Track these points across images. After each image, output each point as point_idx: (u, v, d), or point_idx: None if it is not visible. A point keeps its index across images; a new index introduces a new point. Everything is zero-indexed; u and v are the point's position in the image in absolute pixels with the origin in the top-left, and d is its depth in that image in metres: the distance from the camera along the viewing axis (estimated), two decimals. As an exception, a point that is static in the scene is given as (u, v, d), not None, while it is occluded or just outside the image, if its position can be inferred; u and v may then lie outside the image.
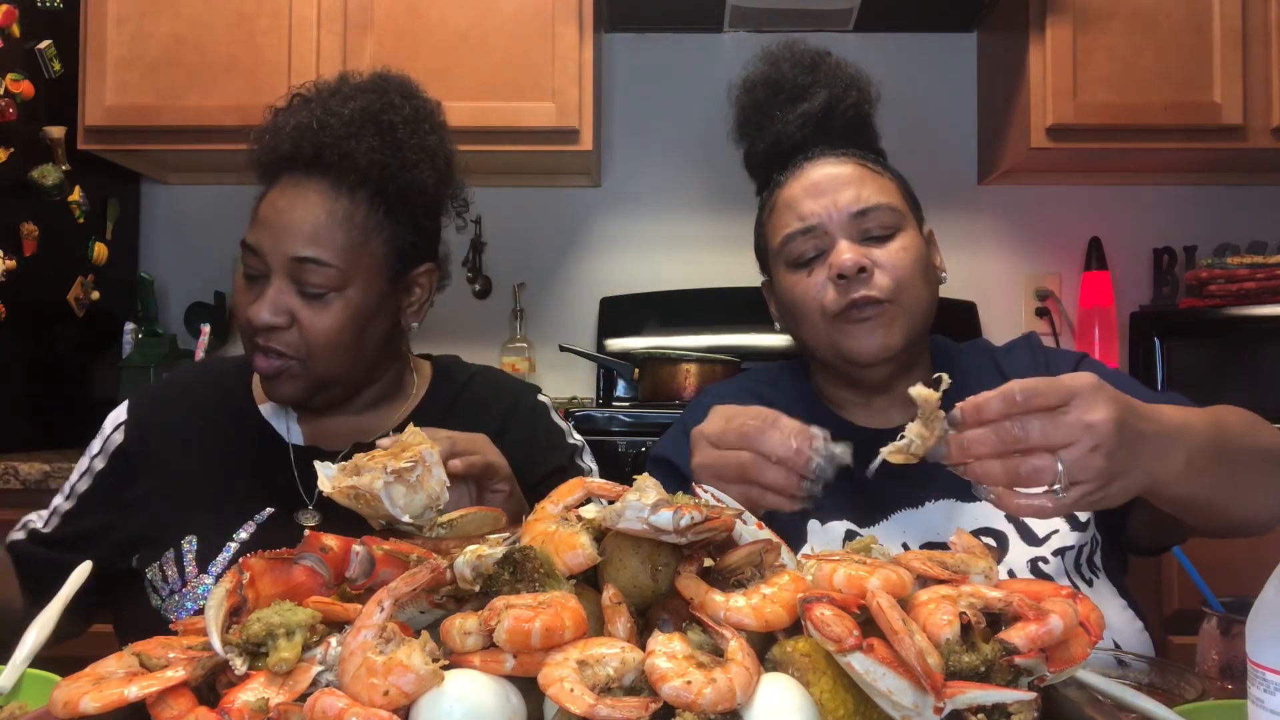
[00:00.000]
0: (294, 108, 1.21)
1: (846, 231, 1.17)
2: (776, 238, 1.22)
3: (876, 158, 1.25)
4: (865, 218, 1.17)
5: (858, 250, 1.15)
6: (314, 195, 1.15)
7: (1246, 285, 2.41)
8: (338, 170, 1.15)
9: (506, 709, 0.57)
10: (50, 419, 2.43)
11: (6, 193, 2.25)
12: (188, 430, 1.24)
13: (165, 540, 1.17)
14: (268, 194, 1.17)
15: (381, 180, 1.17)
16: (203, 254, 2.81)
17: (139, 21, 2.42)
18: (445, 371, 1.35)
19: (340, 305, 1.14)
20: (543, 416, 1.34)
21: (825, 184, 1.19)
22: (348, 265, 1.14)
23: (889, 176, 1.23)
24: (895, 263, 1.16)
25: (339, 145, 1.14)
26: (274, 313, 1.12)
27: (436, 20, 2.42)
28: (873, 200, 1.17)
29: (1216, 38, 2.39)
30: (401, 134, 1.18)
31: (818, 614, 0.60)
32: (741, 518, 0.74)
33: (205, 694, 0.61)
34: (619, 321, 2.74)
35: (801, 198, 1.19)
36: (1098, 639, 0.67)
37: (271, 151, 1.18)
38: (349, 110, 1.17)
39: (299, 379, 1.16)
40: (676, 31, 2.83)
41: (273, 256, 1.13)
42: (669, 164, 2.85)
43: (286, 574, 0.66)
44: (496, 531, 0.79)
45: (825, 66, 1.26)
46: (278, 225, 1.14)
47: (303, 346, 1.14)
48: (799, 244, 1.19)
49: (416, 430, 0.94)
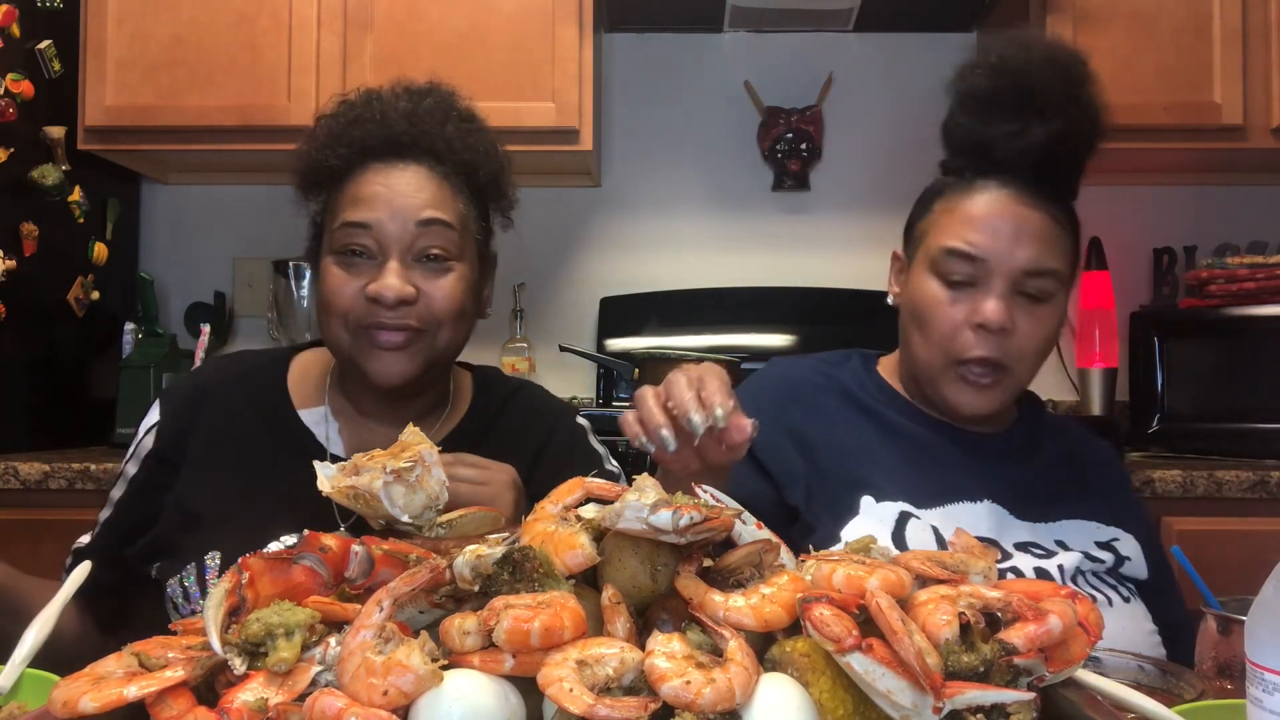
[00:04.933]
0: (354, 107, 1.20)
1: (1007, 282, 1.16)
2: (937, 242, 1.20)
3: (1067, 204, 1.20)
4: (1030, 279, 1.16)
5: (1006, 311, 1.15)
6: (420, 173, 1.16)
7: (1246, 285, 2.40)
8: (433, 156, 1.17)
9: (505, 709, 0.57)
10: (50, 419, 2.43)
11: (6, 193, 2.25)
12: (220, 428, 1.20)
13: (188, 552, 1.13)
14: (359, 179, 1.16)
15: (472, 167, 1.20)
16: (203, 254, 2.81)
17: (139, 21, 2.42)
18: (487, 385, 1.32)
19: (457, 275, 1.16)
20: (581, 442, 1.31)
21: (1011, 224, 1.16)
22: (461, 235, 1.17)
23: (1069, 231, 1.20)
24: (1033, 333, 1.17)
25: (435, 131, 1.17)
26: (405, 282, 1.12)
27: (436, 20, 2.42)
28: (1046, 265, 1.16)
29: (1216, 38, 2.39)
30: (473, 128, 1.22)
31: (817, 614, 0.60)
32: (741, 518, 0.75)
33: (204, 694, 0.61)
34: (619, 321, 2.74)
35: (982, 224, 1.16)
36: (1097, 639, 0.67)
37: (362, 139, 1.17)
38: (428, 103, 1.20)
39: (425, 352, 1.15)
40: (676, 31, 2.83)
41: (391, 226, 1.13)
42: (669, 164, 2.85)
43: (285, 574, 0.66)
44: (496, 531, 0.79)
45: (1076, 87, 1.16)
46: (393, 197, 1.13)
47: (430, 317, 1.14)
48: (956, 264, 1.18)
49: (416, 430, 0.93)
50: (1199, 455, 2.32)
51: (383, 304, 1.11)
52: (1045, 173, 1.17)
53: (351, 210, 1.14)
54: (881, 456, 1.22)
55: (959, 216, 1.19)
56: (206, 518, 1.15)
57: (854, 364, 1.34)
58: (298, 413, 1.22)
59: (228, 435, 1.20)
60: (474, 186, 1.21)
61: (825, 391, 1.30)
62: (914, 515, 1.16)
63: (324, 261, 1.16)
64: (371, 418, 1.22)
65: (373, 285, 1.12)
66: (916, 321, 1.22)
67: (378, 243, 1.13)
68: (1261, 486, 2.02)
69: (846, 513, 1.17)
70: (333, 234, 1.15)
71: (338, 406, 1.24)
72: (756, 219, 2.83)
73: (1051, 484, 1.25)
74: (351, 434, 1.22)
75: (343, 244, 1.14)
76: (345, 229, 1.14)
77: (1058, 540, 1.19)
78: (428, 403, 1.24)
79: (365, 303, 1.12)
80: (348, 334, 1.14)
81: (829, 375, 1.31)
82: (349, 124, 1.18)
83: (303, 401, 1.24)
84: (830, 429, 1.25)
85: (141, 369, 2.52)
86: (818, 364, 1.35)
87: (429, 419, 1.24)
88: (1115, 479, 1.33)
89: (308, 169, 1.20)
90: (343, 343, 1.15)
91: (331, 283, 1.14)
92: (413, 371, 1.15)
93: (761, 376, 1.35)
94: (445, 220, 1.15)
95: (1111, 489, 1.30)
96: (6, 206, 2.26)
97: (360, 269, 1.13)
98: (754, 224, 2.83)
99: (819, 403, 1.28)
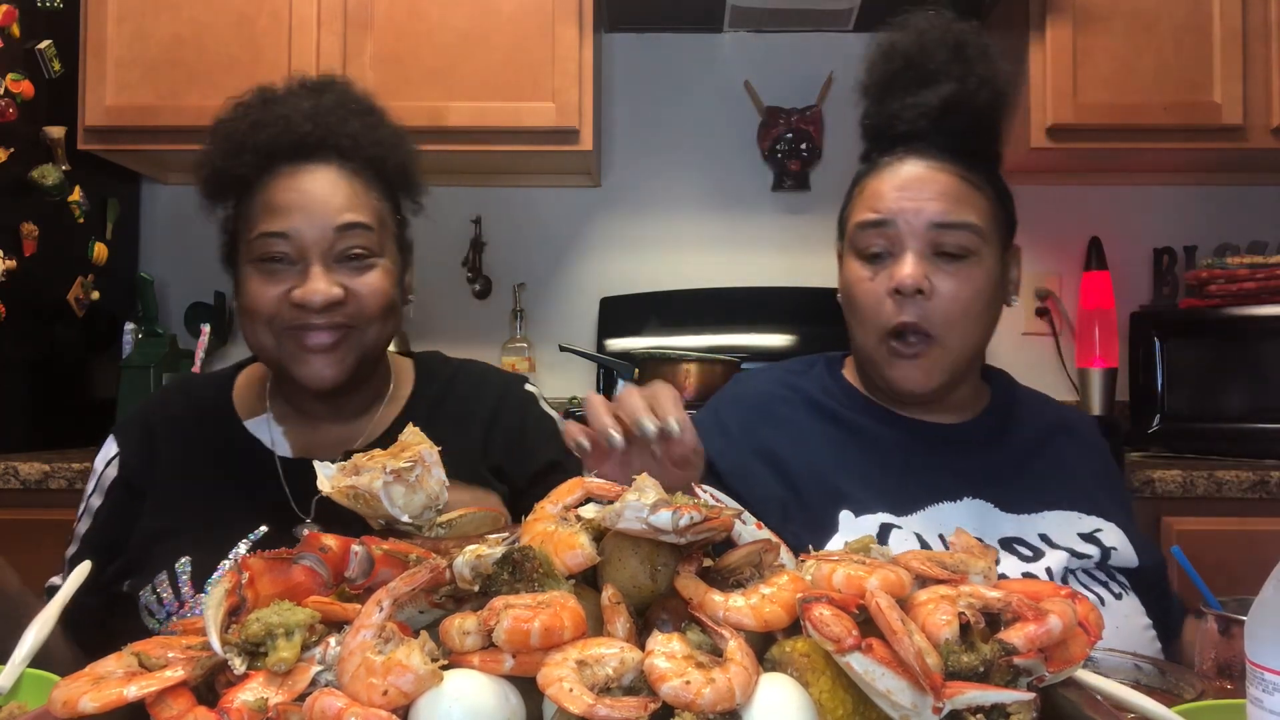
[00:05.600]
0: (252, 110, 1.18)
1: (920, 242, 1.16)
2: (851, 221, 1.22)
3: (983, 169, 1.21)
4: (943, 232, 1.16)
5: (922, 269, 1.15)
6: (330, 175, 1.15)
7: (1246, 285, 2.40)
8: (339, 154, 1.16)
9: (505, 709, 0.57)
10: (50, 419, 2.43)
11: (6, 193, 2.25)
12: (175, 453, 1.22)
13: (157, 563, 1.15)
14: (269, 186, 1.15)
15: (379, 161, 1.19)
16: (203, 254, 2.76)
17: (139, 21, 2.42)
18: (428, 369, 1.32)
19: (381, 270, 1.16)
20: (532, 407, 1.31)
21: (915, 186, 1.17)
22: (380, 232, 1.16)
23: (986, 194, 1.20)
24: (956, 294, 1.16)
25: (338, 130, 1.16)
26: (330, 284, 1.11)
27: (437, 20, 2.42)
28: (957, 217, 1.16)
29: (1216, 38, 2.39)
30: (375, 120, 1.21)
31: (816, 614, 0.60)
32: (741, 518, 0.75)
33: (204, 694, 0.61)
34: (619, 321, 2.74)
35: (887, 192, 1.18)
36: (1096, 639, 0.67)
37: (268, 145, 1.15)
38: (328, 99, 1.18)
39: (355, 350, 1.15)
40: (676, 31, 2.83)
41: (309, 233, 1.12)
42: (669, 164, 2.85)
43: (285, 574, 0.66)
44: (495, 531, 0.79)
45: (966, 55, 1.19)
46: (308, 203, 1.13)
47: (360, 314, 1.14)
48: (869, 236, 1.18)
49: (416, 430, 0.93)
50: (1199, 455, 2.32)
51: (310, 308, 1.11)
52: (947, 138, 1.19)
53: (267, 220, 1.13)
54: (855, 466, 1.21)
55: (869, 192, 1.20)
56: (174, 532, 1.16)
57: (819, 370, 1.33)
58: (244, 424, 1.24)
59: (185, 456, 1.22)
60: (384, 180, 1.21)
61: (792, 405, 1.27)
62: (895, 525, 1.14)
63: (243, 270, 1.16)
64: (314, 416, 1.24)
65: (298, 291, 1.11)
66: (848, 305, 1.23)
67: (297, 250, 1.13)
68: (1261, 486, 2.02)
69: (825, 530, 1.15)
70: (249, 244, 1.15)
71: (279, 411, 1.25)
72: (756, 219, 2.83)
73: (1030, 469, 1.24)
74: (297, 435, 1.24)
75: (261, 253, 1.14)
76: (263, 239, 1.13)
77: (1042, 534, 1.17)
78: (366, 396, 1.25)
79: (290, 307, 1.12)
80: (273, 339, 1.15)
81: (795, 387, 1.29)
82: (250, 128, 1.16)
83: (247, 412, 1.25)
84: (801, 444, 1.23)
85: (141, 369, 2.52)
86: (784, 375, 1.33)
87: (370, 411, 1.25)
88: (1090, 451, 1.30)
89: (212, 176, 1.19)
90: (268, 347, 1.16)
91: (253, 290, 1.14)
92: (343, 373, 1.15)
93: (726, 395, 1.34)
94: (363, 222, 1.14)
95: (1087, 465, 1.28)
96: (6, 206, 2.26)
97: (281, 275, 1.13)
98: (754, 224, 2.83)
99: (787, 417, 1.26)
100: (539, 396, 1.33)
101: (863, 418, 1.25)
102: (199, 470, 1.21)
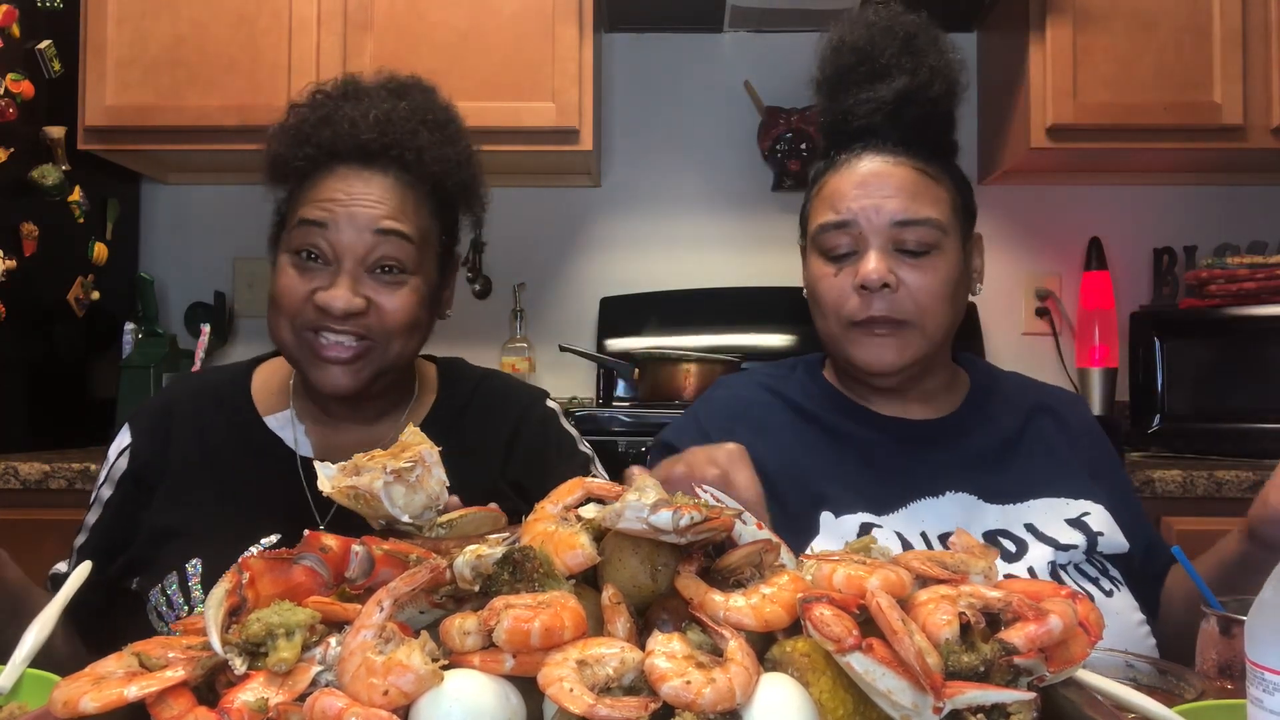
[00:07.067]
0: (328, 103, 1.18)
1: (882, 239, 1.16)
2: (813, 222, 1.22)
3: (940, 161, 1.22)
4: (905, 229, 1.16)
5: (886, 264, 1.15)
6: (385, 181, 1.15)
7: (1246, 285, 2.40)
8: (401, 164, 1.16)
9: (506, 709, 0.57)
10: (50, 419, 2.43)
11: (6, 193, 2.25)
12: (191, 448, 1.21)
13: (167, 562, 1.13)
14: (324, 181, 1.14)
15: (441, 176, 1.18)
16: (203, 254, 2.81)
17: (139, 21, 2.42)
18: (452, 376, 1.32)
19: (410, 289, 1.15)
20: (553, 424, 1.31)
21: (874, 183, 1.17)
22: (420, 249, 1.15)
23: (944, 185, 1.20)
24: (922, 285, 1.16)
25: (406, 140, 1.15)
26: (354, 294, 1.11)
27: (436, 20, 2.42)
28: (917, 213, 1.16)
29: (1216, 38, 2.39)
30: (451, 133, 1.20)
31: (817, 614, 0.60)
32: (741, 518, 0.74)
33: (205, 694, 0.61)
34: (619, 321, 2.74)
35: (847, 191, 1.18)
36: (1097, 639, 0.67)
37: (330, 143, 1.15)
38: (403, 107, 1.17)
39: (373, 364, 1.14)
40: (676, 31, 2.83)
41: (348, 232, 1.11)
42: (669, 164, 2.85)
43: (286, 574, 0.66)
44: (496, 531, 0.79)
45: (916, 47, 1.20)
46: (353, 204, 1.12)
47: (381, 329, 1.13)
48: (833, 237, 1.18)
49: (416, 430, 0.93)
50: (1199, 455, 2.32)
51: (330, 314, 1.11)
52: (903, 132, 1.19)
53: (311, 210, 1.13)
54: (836, 467, 1.20)
55: (828, 192, 1.20)
56: (185, 530, 1.15)
57: (799, 373, 1.32)
58: (263, 420, 1.23)
59: (200, 451, 1.21)
60: (440, 196, 1.20)
61: (773, 409, 1.27)
62: (875, 524, 1.14)
63: (280, 258, 1.16)
64: (336, 417, 1.23)
65: (322, 294, 1.11)
66: (814, 302, 1.23)
67: (333, 247, 1.12)
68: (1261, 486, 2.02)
69: (806, 534, 1.14)
70: (291, 232, 1.15)
71: (302, 409, 1.24)
72: (756, 219, 2.83)
73: (1013, 456, 1.23)
74: (319, 435, 1.23)
75: (299, 244, 1.13)
76: (302, 227, 1.13)
77: (1028, 524, 1.16)
78: (390, 400, 1.25)
79: (313, 308, 1.12)
80: (293, 335, 1.14)
81: (776, 390, 1.29)
82: (319, 123, 1.16)
83: (268, 409, 1.24)
84: (782, 449, 1.22)
85: (141, 369, 2.52)
86: (765, 379, 1.33)
87: (394, 414, 1.25)
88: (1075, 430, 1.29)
89: (274, 161, 1.19)
90: (288, 342, 1.15)
91: (283, 282, 1.14)
92: (358, 385, 1.14)
93: (707, 401, 1.33)
94: (404, 232, 1.14)
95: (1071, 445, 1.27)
96: (6, 206, 2.26)
97: (313, 273, 1.13)
98: (754, 224, 2.83)
99: (768, 422, 1.26)
100: (559, 413, 1.33)
101: (843, 419, 1.25)
102: (214, 465, 1.20)
